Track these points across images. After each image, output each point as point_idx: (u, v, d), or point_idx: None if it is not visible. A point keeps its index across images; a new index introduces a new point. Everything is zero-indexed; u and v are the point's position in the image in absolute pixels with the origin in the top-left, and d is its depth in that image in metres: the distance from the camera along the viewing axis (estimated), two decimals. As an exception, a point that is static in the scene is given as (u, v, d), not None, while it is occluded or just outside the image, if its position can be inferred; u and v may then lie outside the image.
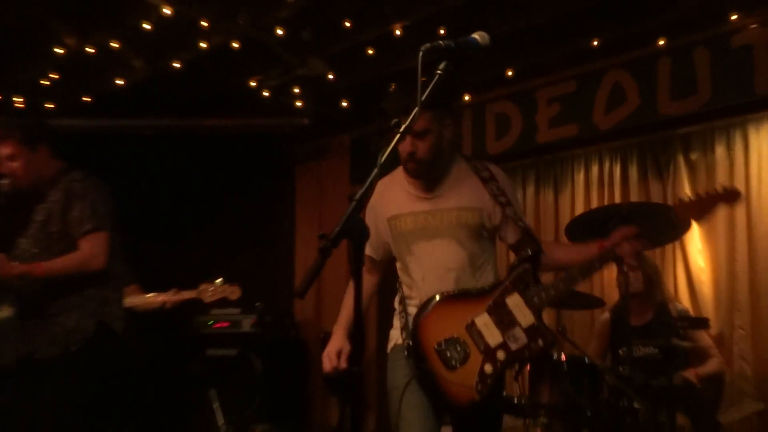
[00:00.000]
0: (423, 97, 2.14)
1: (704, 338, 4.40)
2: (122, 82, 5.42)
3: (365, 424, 5.83)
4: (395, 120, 2.44)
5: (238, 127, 5.98)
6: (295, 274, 6.42)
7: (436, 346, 2.58)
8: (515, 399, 3.76)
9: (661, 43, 4.50)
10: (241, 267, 5.30)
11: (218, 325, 5.92)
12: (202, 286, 4.54)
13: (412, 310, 2.66)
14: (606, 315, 4.66)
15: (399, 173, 2.76)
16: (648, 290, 4.35)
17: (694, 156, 5.18)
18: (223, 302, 4.75)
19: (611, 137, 5.00)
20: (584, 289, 4.98)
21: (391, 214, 2.75)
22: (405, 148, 2.60)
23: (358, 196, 2.01)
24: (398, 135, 2.19)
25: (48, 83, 5.48)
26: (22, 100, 5.67)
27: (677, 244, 4.96)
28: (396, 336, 2.76)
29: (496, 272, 2.74)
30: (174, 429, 5.67)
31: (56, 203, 3.38)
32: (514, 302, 2.58)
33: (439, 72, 2.14)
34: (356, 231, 1.96)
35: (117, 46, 4.86)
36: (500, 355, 2.54)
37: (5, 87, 5.65)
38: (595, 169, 5.51)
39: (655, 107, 4.58)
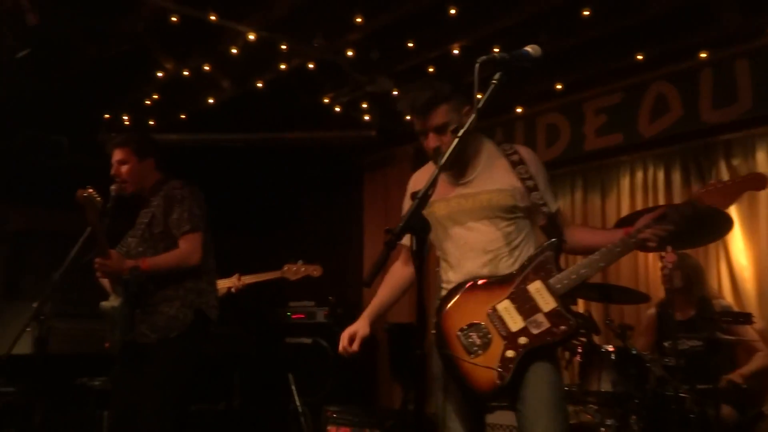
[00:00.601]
0: (479, 105, 2.15)
1: (749, 333, 4.22)
2: (213, 101, 5.56)
3: (427, 406, 5.80)
4: (454, 125, 2.43)
5: (314, 140, 6.06)
6: (364, 270, 6.45)
7: (458, 333, 2.46)
8: (566, 387, 3.68)
9: (703, 55, 4.36)
10: (315, 263, 5.35)
11: (296, 317, 6.00)
12: (286, 267, 4.54)
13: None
14: (652, 310, 4.53)
15: (431, 165, 2.67)
16: (687, 287, 4.21)
17: (735, 162, 4.99)
18: (296, 290, 4.73)
19: (655, 145, 4.87)
20: (631, 285, 4.88)
21: (429, 201, 2.65)
22: (430, 144, 2.53)
23: (421, 194, 2.02)
24: (456, 139, 2.19)
25: (150, 103, 5.68)
26: (128, 117, 5.89)
27: (720, 243, 4.79)
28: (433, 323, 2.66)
29: (539, 251, 2.54)
30: (256, 408, 5.78)
31: (158, 207, 3.52)
32: (536, 288, 2.43)
33: (494, 82, 2.15)
34: (419, 226, 1.97)
35: (208, 69, 4.99)
36: (522, 340, 2.40)
37: (115, 106, 5.89)
38: (639, 175, 5.38)
39: (698, 116, 4.44)
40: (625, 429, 3.79)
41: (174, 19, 4.29)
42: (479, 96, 2.14)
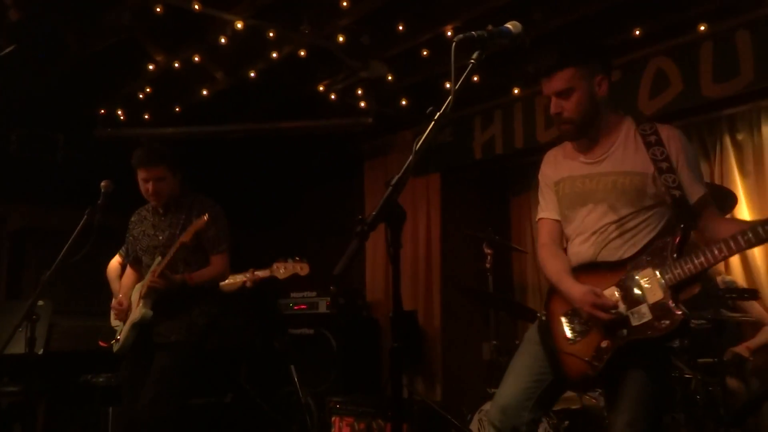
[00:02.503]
0: (457, 86, 2.07)
1: (756, 308, 4.16)
2: (207, 93, 5.52)
3: (432, 394, 5.78)
4: (430, 108, 2.36)
5: (311, 128, 6.00)
6: (366, 260, 6.42)
7: (562, 317, 2.42)
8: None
9: (702, 28, 4.25)
10: (317, 253, 5.32)
11: (298, 307, 5.98)
12: (275, 265, 4.61)
13: None
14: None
15: (566, 144, 2.57)
16: None
17: (740, 136, 4.91)
18: (298, 280, 4.78)
19: (656, 122, 4.75)
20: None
21: (557, 179, 2.55)
22: (552, 110, 2.40)
23: (394, 181, 1.93)
24: (432, 122, 2.12)
25: (143, 96, 5.65)
26: (122, 112, 5.87)
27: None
28: None
29: (659, 238, 2.36)
30: (262, 400, 5.78)
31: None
32: (647, 277, 2.26)
33: (472, 61, 2.07)
34: (393, 215, 1.90)
35: (198, 60, 4.94)
36: (622, 331, 2.25)
37: (109, 101, 5.86)
38: (643, 153, 5.28)
39: (699, 91, 4.33)
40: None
41: (158, 9, 4.24)
42: (464, 76, 2.05)
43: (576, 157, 2.50)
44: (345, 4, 4.15)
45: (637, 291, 2.27)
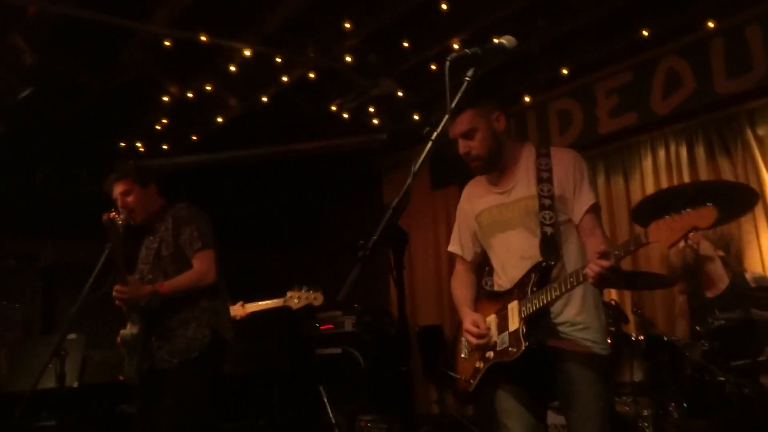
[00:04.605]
0: (453, 104, 2.11)
1: None
2: (222, 120, 5.63)
3: (463, 409, 5.77)
4: (427, 128, 2.40)
5: (327, 148, 6.08)
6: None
7: (462, 338, 2.63)
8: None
9: (711, 25, 4.22)
10: (338, 272, 5.38)
11: (324, 327, 6.01)
12: (289, 294, 4.48)
13: None
14: (683, 296, 4.41)
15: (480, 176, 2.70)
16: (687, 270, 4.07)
17: (761, 131, 4.82)
18: (331, 296, 4.75)
19: (670, 121, 4.73)
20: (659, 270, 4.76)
21: (477, 211, 2.68)
22: (460, 150, 2.53)
23: (394, 204, 1.97)
24: (430, 143, 2.16)
25: (160, 128, 5.78)
26: (141, 144, 6.01)
27: (760, 214, 4.61)
28: None
29: (582, 254, 2.47)
30: (293, 424, 5.82)
31: (167, 231, 3.55)
32: (512, 307, 2.45)
33: (467, 78, 2.10)
34: (394, 238, 1.93)
35: (210, 89, 5.05)
36: (490, 354, 2.45)
37: (129, 134, 6.01)
38: (661, 153, 5.24)
39: (712, 88, 4.30)
40: (664, 418, 3.70)
41: (167, 43, 4.35)
42: (465, 93, 2.09)
43: (489, 189, 2.65)
44: (348, 25, 4.21)
45: (505, 319, 2.46)
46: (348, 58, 4.73)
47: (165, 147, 6.03)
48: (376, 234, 1.92)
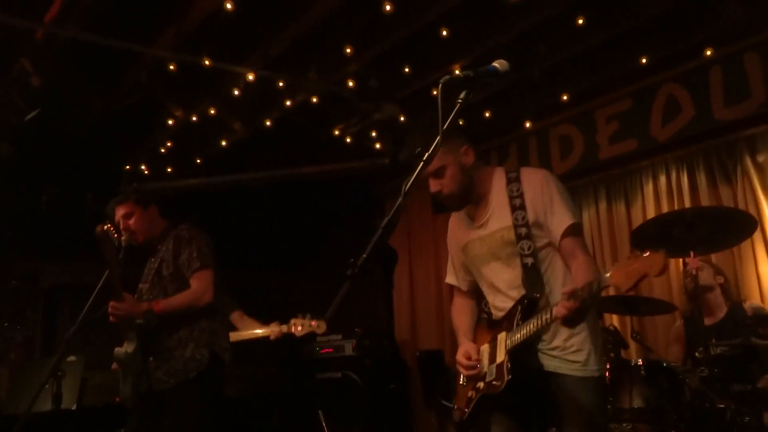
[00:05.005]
0: (444, 127, 2.13)
1: None
2: (226, 143, 5.69)
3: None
4: (419, 149, 2.41)
5: (329, 172, 6.12)
6: (392, 299, 6.43)
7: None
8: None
9: (709, 53, 4.26)
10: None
11: (324, 351, 6.00)
12: (293, 321, 4.52)
13: None
14: (679, 321, 4.40)
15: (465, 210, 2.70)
16: (711, 287, 4.08)
17: (761, 158, 4.82)
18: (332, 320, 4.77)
19: (671, 148, 4.75)
20: (664, 298, 4.74)
21: (462, 244, 2.69)
22: (432, 189, 2.53)
23: (383, 223, 1.98)
24: (421, 163, 2.17)
25: (165, 150, 5.85)
26: (145, 167, 6.07)
27: (759, 243, 4.60)
28: None
29: (567, 276, 2.46)
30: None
31: (167, 251, 3.58)
32: (501, 338, 2.46)
33: (459, 101, 2.11)
34: (384, 257, 1.95)
35: (214, 112, 5.12)
36: (480, 384, 2.47)
37: (133, 157, 6.08)
38: (662, 179, 5.25)
39: (710, 115, 4.33)
40: (664, 444, 3.67)
41: (172, 67, 4.43)
42: (457, 117, 2.11)
43: (468, 222, 2.65)
44: (350, 50, 4.28)
45: (494, 350, 2.48)
46: (350, 83, 4.79)
47: (169, 170, 6.09)
48: (366, 252, 1.91)
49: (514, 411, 2.48)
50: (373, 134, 5.62)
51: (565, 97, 4.90)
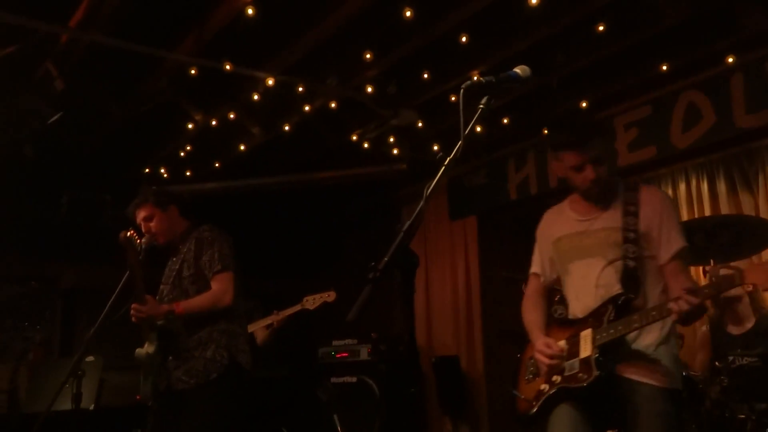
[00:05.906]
0: (466, 131, 2.14)
1: None
2: (244, 147, 5.72)
3: (480, 442, 5.71)
4: (440, 154, 2.43)
5: (347, 177, 6.15)
6: (413, 304, 6.42)
7: (528, 359, 2.72)
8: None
9: (731, 60, 4.24)
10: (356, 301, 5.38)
11: (339, 355, 6.01)
12: (306, 298, 4.70)
13: None
14: (705, 327, 4.37)
15: (564, 203, 2.79)
16: (739, 297, 4.04)
17: (782, 167, 4.82)
18: (339, 327, 4.83)
19: (691, 155, 4.74)
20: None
21: (556, 237, 2.74)
22: (588, 176, 2.54)
23: (405, 226, 1.99)
24: (443, 168, 2.19)
25: (184, 154, 5.90)
26: (165, 170, 6.13)
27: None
28: None
29: (663, 292, 2.50)
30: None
31: (189, 252, 3.60)
32: (585, 335, 2.48)
33: (481, 106, 2.12)
34: (405, 260, 1.95)
35: (233, 117, 5.16)
36: (556, 378, 2.50)
37: (153, 161, 6.14)
38: (682, 187, 5.25)
39: (732, 122, 4.30)
40: (683, 455, 3.64)
41: (193, 71, 4.48)
42: (475, 122, 2.13)
43: (571, 216, 2.70)
44: (369, 56, 4.30)
45: (576, 346, 2.50)
46: (369, 89, 4.82)
47: (188, 173, 6.14)
48: (387, 256, 1.93)
49: (586, 409, 2.48)
50: (391, 140, 5.64)
51: (584, 104, 4.88)
